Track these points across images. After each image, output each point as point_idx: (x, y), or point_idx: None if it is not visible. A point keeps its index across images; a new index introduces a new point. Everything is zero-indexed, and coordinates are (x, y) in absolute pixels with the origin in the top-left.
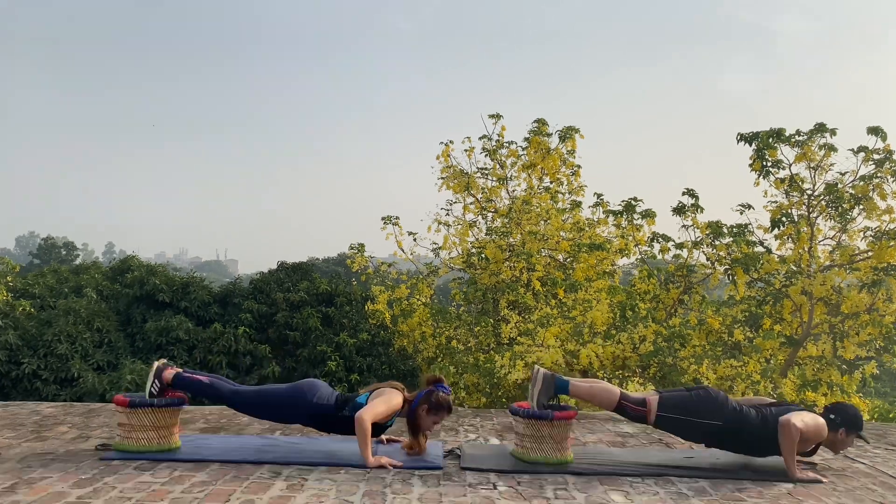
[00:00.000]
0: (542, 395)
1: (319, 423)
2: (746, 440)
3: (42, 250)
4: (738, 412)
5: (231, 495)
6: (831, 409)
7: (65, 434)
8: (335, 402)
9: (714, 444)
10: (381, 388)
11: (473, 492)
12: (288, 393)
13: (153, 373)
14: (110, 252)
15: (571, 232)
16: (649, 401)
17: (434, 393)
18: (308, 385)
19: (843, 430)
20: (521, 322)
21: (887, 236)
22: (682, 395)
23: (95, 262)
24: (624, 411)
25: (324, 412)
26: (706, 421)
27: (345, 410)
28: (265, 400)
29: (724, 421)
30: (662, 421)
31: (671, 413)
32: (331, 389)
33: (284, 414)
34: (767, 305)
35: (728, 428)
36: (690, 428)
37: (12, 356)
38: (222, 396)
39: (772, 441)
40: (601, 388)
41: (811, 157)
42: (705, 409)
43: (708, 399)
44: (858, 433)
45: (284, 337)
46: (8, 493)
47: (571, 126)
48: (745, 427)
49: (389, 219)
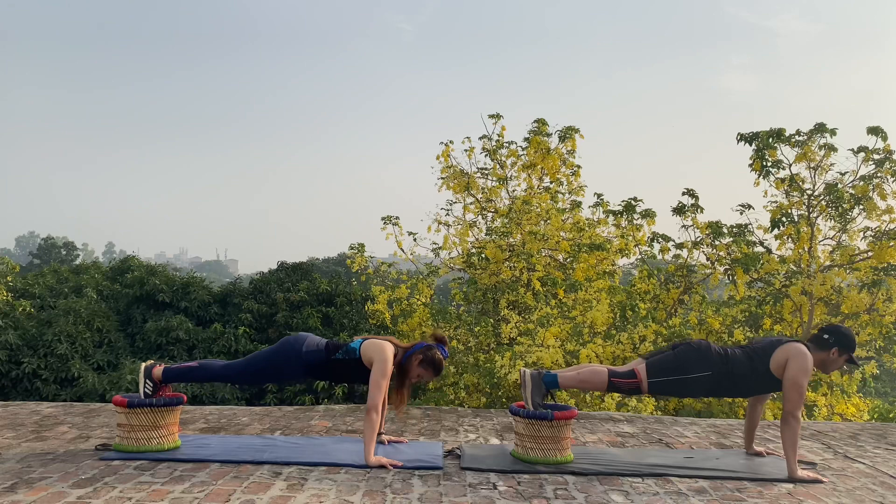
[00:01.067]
0: (535, 396)
1: (315, 372)
2: (739, 382)
3: (42, 250)
4: (724, 355)
5: (231, 495)
6: (825, 329)
7: (65, 434)
8: (325, 347)
9: (711, 393)
10: (374, 339)
11: (473, 492)
12: (277, 350)
13: (142, 374)
14: (110, 252)
15: (571, 232)
16: (637, 370)
17: (433, 349)
18: (294, 338)
19: (835, 350)
20: (521, 322)
21: (887, 236)
22: (666, 356)
23: (95, 262)
24: (617, 388)
25: (316, 360)
26: (696, 374)
27: (337, 354)
28: (257, 364)
29: (712, 369)
30: (656, 386)
31: (661, 376)
32: (318, 338)
33: (280, 372)
34: (767, 305)
35: (718, 374)
36: (684, 385)
37: (12, 356)
38: (215, 374)
39: (763, 377)
40: (589, 372)
41: (811, 157)
42: (692, 363)
43: (691, 352)
44: (850, 355)
45: (285, 337)
46: (8, 493)
47: (571, 126)
48: (734, 369)
49: (389, 219)
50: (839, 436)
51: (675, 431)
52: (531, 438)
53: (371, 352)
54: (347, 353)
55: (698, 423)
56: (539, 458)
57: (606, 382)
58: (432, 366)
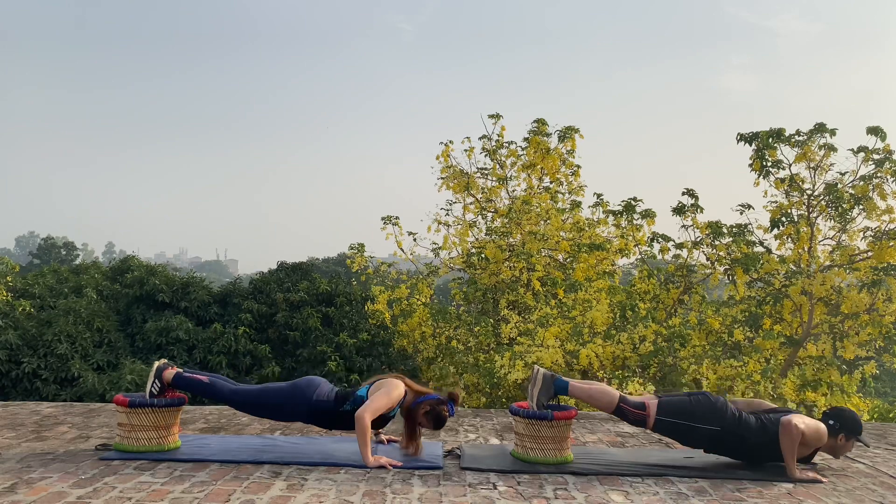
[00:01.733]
0: (541, 395)
1: (320, 420)
2: (745, 447)
3: (42, 250)
4: (738, 418)
5: (231, 495)
6: (830, 415)
7: (65, 434)
8: (335, 398)
9: (713, 449)
10: (382, 379)
11: (473, 492)
12: (287, 391)
13: (154, 372)
14: (110, 252)
15: (571, 232)
16: (648, 405)
17: (442, 405)
18: (307, 382)
19: (842, 436)
20: (521, 322)
21: (887, 236)
22: (681, 399)
23: (95, 262)
24: (623, 414)
25: (324, 409)
26: (705, 426)
27: (345, 406)
28: (265, 399)
29: (722, 427)
30: (661, 425)
31: (670, 417)
32: (330, 385)
33: (285, 412)
34: (767, 305)
35: (727, 434)
36: (689, 433)
37: (12, 356)
38: (222, 396)
39: (770, 448)
40: (600, 391)
41: (811, 157)
42: (704, 415)
43: (707, 404)
44: (858, 437)
45: (284, 337)
46: (8, 493)
47: (571, 126)
48: (744, 433)
49: (389, 219)
50: None
51: None
52: (531, 438)
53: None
54: (355, 402)
55: None
56: (539, 458)
57: (615, 405)
58: (435, 420)
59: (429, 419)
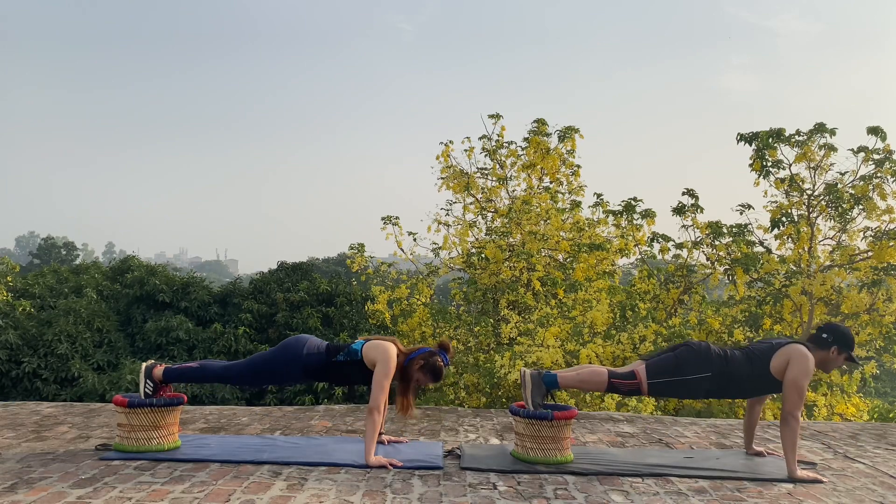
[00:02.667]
0: (535, 396)
1: (315, 375)
2: (738, 382)
3: (42, 250)
4: (724, 357)
5: (231, 495)
6: (824, 329)
7: (65, 434)
8: (325, 350)
9: (710, 394)
10: (376, 340)
11: (473, 492)
12: (278, 353)
13: (143, 374)
14: (110, 252)
15: (571, 232)
16: (637, 372)
17: (435, 355)
18: (294, 340)
19: (834, 349)
20: (521, 322)
21: (887, 236)
22: (666, 357)
23: (95, 262)
24: (616, 389)
25: (316, 362)
26: (696, 375)
27: (338, 356)
28: (257, 366)
29: (712, 370)
30: (656, 387)
31: (661, 377)
32: (319, 340)
33: (279, 375)
34: (767, 305)
35: (718, 375)
36: (684, 386)
37: (12, 356)
38: (215, 374)
39: (763, 378)
40: (589, 373)
41: (811, 157)
42: (692, 364)
43: (691, 353)
44: (849, 353)
45: (284, 337)
46: (8, 493)
47: (571, 126)
48: (734, 370)
49: (389, 219)
50: (839, 436)
51: (675, 431)
52: (531, 438)
53: (373, 352)
54: (349, 354)
55: (698, 423)
56: (539, 458)
57: (606, 383)
58: (432, 372)
59: (425, 373)
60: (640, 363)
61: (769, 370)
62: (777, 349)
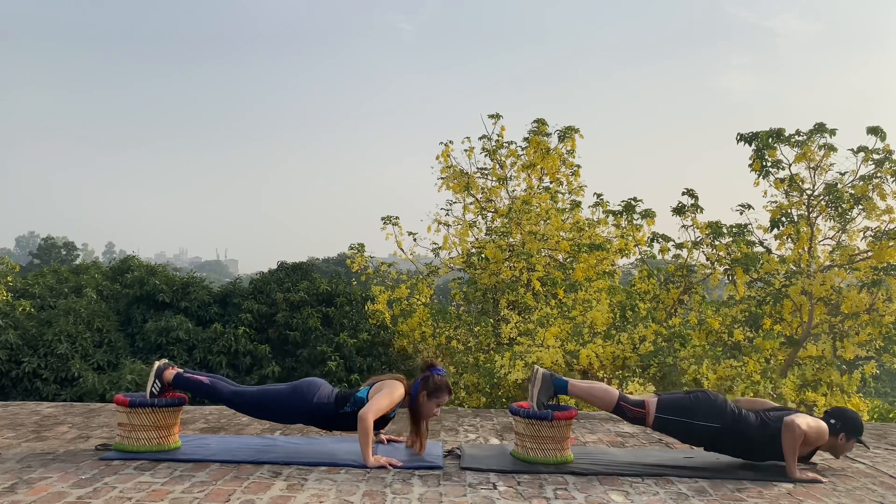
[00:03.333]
0: (541, 395)
1: (320, 422)
2: (745, 444)
3: (42, 250)
4: (737, 415)
5: (231, 495)
6: (831, 414)
7: (65, 434)
8: (335, 399)
9: (712, 447)
10: (382, 380)
11: (473, 492)
12: (288, 394)
13: (154, 372)
14: (110, 252)
15: (571, 232)
16: (648, 403)
17: (430, 377)
18: (307, 385)
19: (843, 435)
20: (521, 322)
21: (887, 236)
22: (680, 397)
23: (95, 262)
24: (622, 412)
25: (324, 411)
26: (705, 423)
27: (345, 407)
28: (265, 401)
29: (722, 424)
30: (661, 423)
31: (669, 415)
32: (330, 387)
33: (284, 414)
34: (767, 305)
35: (727, 431)
36: (689, 430)
37: (12, 356)
38: (222, 397)
39: (770, 445)
40: (600, 389)
41: (811, 157)
42: (704, 412)
43: (707, 402)
44: (858, 438)
45: (284, 337)
46: (8, 493)
47: (571, 126)
48: (743, 431)
49: (389, 219)
50: None
51: None
52: (531, 438)
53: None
54: (355, 404)
55: None
56: (539, 458)
57: (614, 404)
58: (440, 390)
59: (437, 395)
60: (654, 396)
61: (779, 437)
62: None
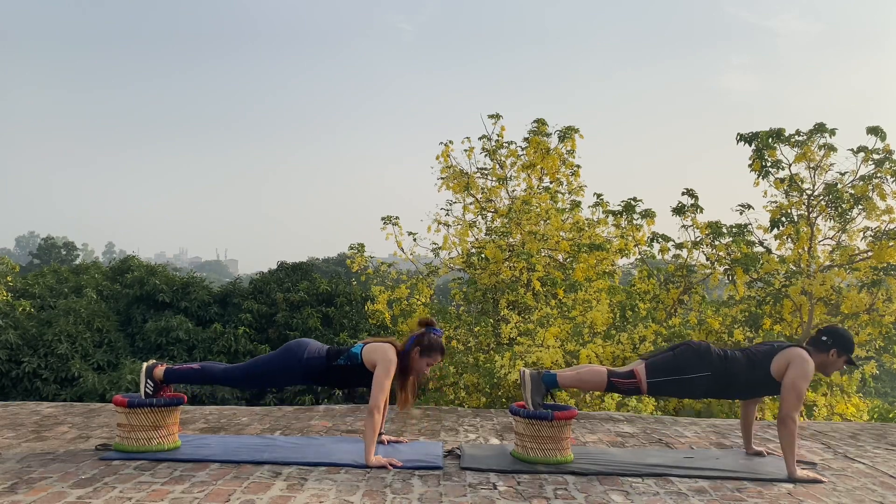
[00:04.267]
0: (535, 396)
1: (315, 378)
2: (738, 383)
3: (42, 250)
4: (724, 357)
5: (231, 495)
6: (823, 331)
7: (65, 434)
8: (326, 353)
9: (710, 393)
10: (376, 343)
11: (473, 492)
12: (278, 356)
13: (143, 373)
14: (110, 252)
15: (571, 232)
16: (637, 371)
17: (426, 335)
18: (296, 344)
19: (833, 351)
20: (521, 322)
21: (887, 236)
22: (665, 356)
23: (95, 262)
24: (616, 388)
25: (316, 365)
26: (695, 375)
27: (339, 360)
28: (257, 370)
29: (711, 370)
30: (655, 387)
31: (660, 377)
32: (320, 344)
33: (279, 377)
34: (767, 305)
35: (717, 375)
36: (683, 386)
37: (12, 356)
38: (215, 377)
39: (763, 382)
40: (588, 372)
41: (811, 157)
42: (691, 364)
43: (691, 352)
44: (848, 356)
45: (284, 337)
46: (8, 493)
47: (571, 126)
48: (733, 371)
49: (389, 219)
50: (839, 436)
51: (675, 431)
52: (531, 438)
53: (373, 354)
54: (349, 358)
55: (698, 423)
56: (539, 458)
57: (605, 382)
58: (433, 349)
59: (429, 355)
60: (640, 362)
61: (769, 372)
62: (778, 352)
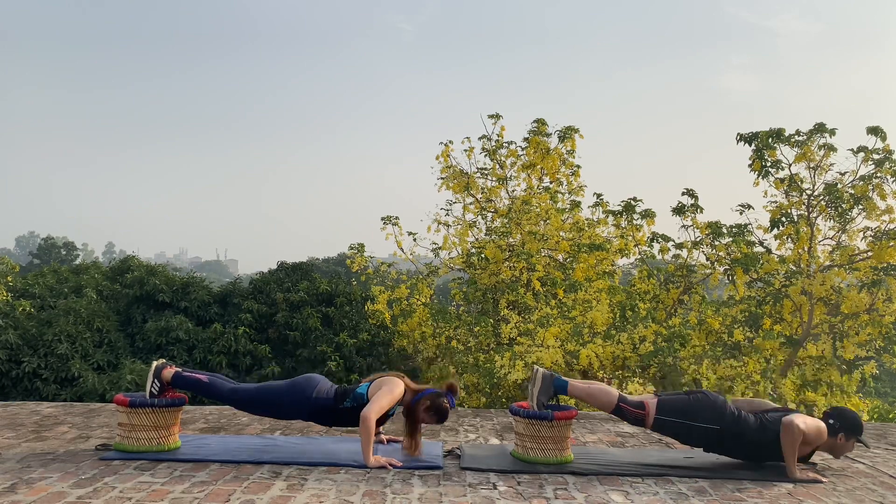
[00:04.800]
0: (541, 395)
1: (320, 418)
2: (744, 446)
3: (42, 250)
4: (737, 417)
5: (231, 495)
6: (831, 414)
7: (65, 434)
8: (334, 395)
9: (712, 448)
10: (382, 377)
11: (473, 492)
12: (287, 389)
13: (152, 372)
14: (110, 252)
15: (571, 232)
16: (647, 404)
17: (442, 397)
18: (306, 380)
19: (842, 435)
20: (521, 322)
21: (887, 236)
22: (680, 398)
23: (95, 262)
24: (622, 413)
25: (323, 406)
26: (704, 425)
27: (345, 402)
28: (264, 397)
29: (722, 425)
30: (660, 424)
31: (669, 416)
32: (329, 383)
33: (284, 411)
34: (767, 305)
35: (726, 433)
36: (689, 432)
37: (12, 356)
38: (221, 395)
39: (769, 447)
40: (599, 390)
41: (811, 157)
42: (704, 413)
43: (706, 403)
44: (858, 438)
45: (284, 337)
46: (8, 493)
47: (571, 126)
48: (743, 432)
49: (389, 219)
50: None
51: None
52: (531, 438)
53: (380, 385)
54: (355, 399)
55: None
56: (539, 458)
57: (614, 405)
58: (437, 413)
59: (430, 414)
60: (653, 397)
61: (778, 438)
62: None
